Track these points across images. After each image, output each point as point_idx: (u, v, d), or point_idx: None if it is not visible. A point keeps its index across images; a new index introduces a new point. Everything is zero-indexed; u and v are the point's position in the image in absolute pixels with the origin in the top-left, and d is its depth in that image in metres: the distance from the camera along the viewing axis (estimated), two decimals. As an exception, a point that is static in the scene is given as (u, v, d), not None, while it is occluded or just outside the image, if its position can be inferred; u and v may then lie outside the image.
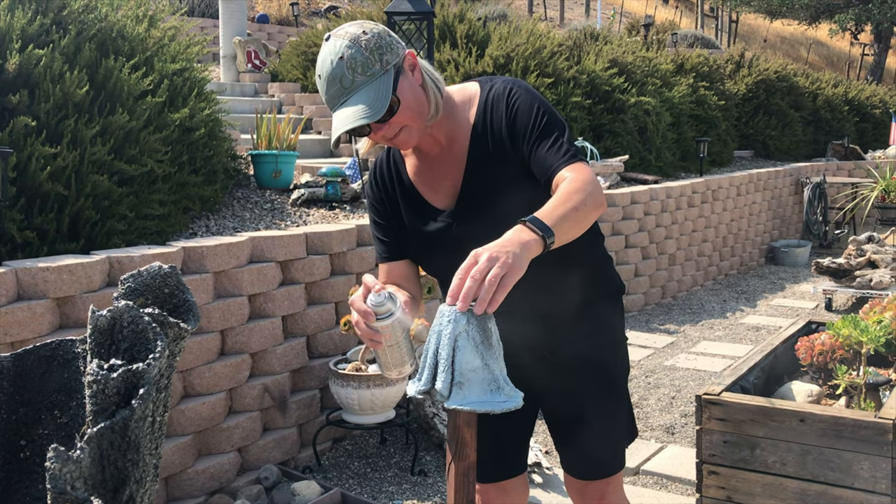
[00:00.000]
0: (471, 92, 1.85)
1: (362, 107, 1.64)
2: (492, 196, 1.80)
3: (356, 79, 1.65)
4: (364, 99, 1.65)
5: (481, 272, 1.43)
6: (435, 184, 1.87)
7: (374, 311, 1.61)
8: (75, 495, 0.86)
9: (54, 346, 1.17)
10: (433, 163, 1.87)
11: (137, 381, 0.96)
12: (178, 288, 1.14)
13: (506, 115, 1.78)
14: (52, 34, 3.69)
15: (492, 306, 1.44)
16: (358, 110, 1.64)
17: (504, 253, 1.46)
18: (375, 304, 1.62)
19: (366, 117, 1.63)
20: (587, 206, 1.64)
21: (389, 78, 1.67)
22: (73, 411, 1.15)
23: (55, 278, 2.89)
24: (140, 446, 0.97)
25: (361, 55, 1.65)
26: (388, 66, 1.67)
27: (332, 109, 1.72)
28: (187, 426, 3.29)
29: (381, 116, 1.66)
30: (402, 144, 1.76)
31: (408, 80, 1.71)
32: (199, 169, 4.26)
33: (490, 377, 1.59)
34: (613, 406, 2.03)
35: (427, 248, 1.89)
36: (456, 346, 1.56)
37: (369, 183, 1.97)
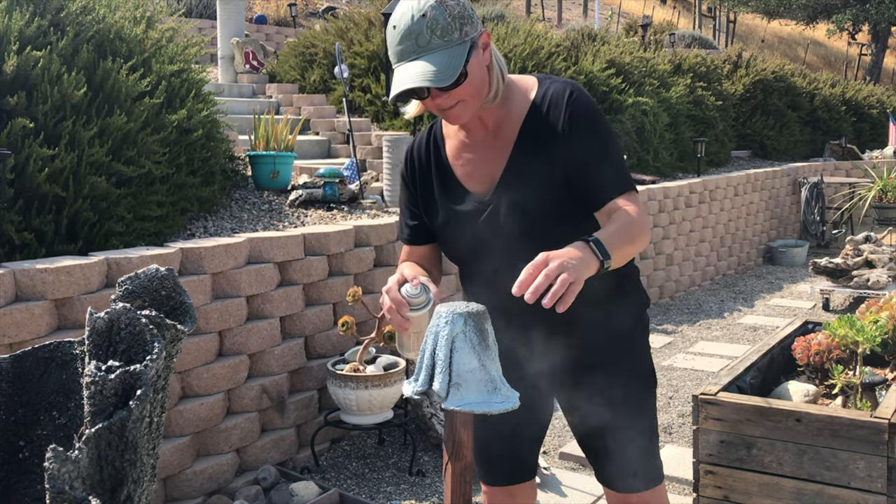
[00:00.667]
0: (528, 84, 1.83)
1: (431, 70, 1.62)
2: (529, 191, 1.77)
3: (433, 41, 1.63)
4: (435, 62, 1.63)
5: (553, 272, 1.47)
6: (474, 168, 1.85)
7: (409, 302, 1.66)
8: (73, 495, 0.86)
9: (52, 347, 1.17)
10: (475, 146, 1.85)
11: (135, 382, 0.97)
12: (175, 290, 1.14)
13: (564, 117, 1.76)
14: (49, 36, 3.69)
15: (561, 306, 1.47)
16: (425, 72, 1.62)
17: (573, 264, 1.50)
18: (411, 295, 1.66)
19: (432, 81, 1.61)
20: (639, 242, 1.71)
21: (464, 50, 1.65)
22: (72, 412, 1.16)
23: (53, 279, 2.90)
24: (138, 447, 0.97)
25: (444, 19, 1.64)
26: (466, 37, 1.66)
27: (395, 63, 1.69)
28: (185, 427, 3.29)
29: (446, 85, 1.64)
30: (453, 118, 1.74)
31: (478, 58, 1.69)
32: (196, 170, 4.27)
33: (487, 378, 1.60)
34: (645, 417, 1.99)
35: (454, 230, 1.87)
36: (453, 347, 1.57)
37: (406, 160, 1.96)
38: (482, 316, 1.64)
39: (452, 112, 1.72)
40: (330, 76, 9.03)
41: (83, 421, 1.10)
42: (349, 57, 8.79)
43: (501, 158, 1.81)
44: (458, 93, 1.68)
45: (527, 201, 1.77)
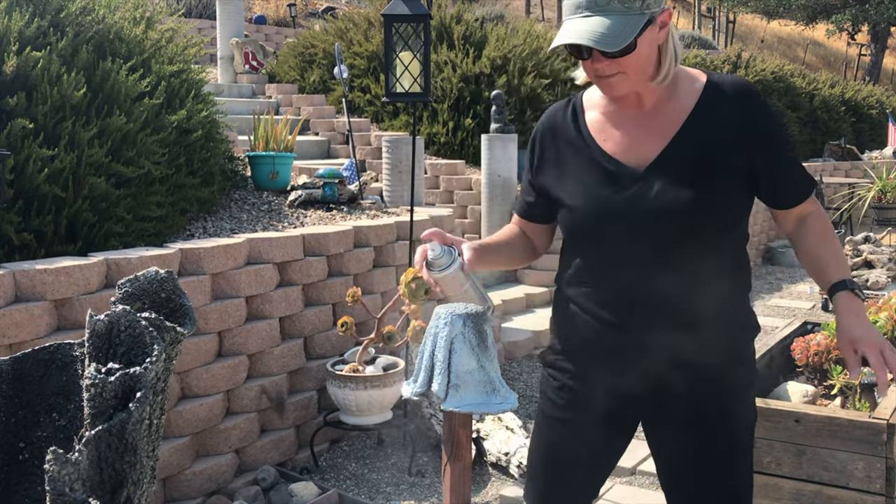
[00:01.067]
0: (692, 72, 1.77)
1: (602, 31, 1.56)
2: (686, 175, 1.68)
3: (612, 3, 1.58)
4: (608, 25, 1.57)
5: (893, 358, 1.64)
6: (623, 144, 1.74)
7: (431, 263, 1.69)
8: (74, 497, 0.87)
9: (52, 349, 1.18)
10: (625, 123, 1.75)
11: (135, 384, 0.97)
12: (175, 292, 1.15)
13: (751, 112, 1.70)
14: (49, 36, 3.69)
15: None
16: (595, 32, 1.57)
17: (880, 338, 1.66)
18: (433, 256, 1.69)
19: (599, 42, 1.56)
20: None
21: (640, 21, 1.58)
22: (72, 414, 1.16)
23: (53, 280, 2.90)
24: (137, 448, 0.98)
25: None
26: (647, 10, 1.60)
27: (567, 15, 1.64)
28: (185, 427, 3.29)
29: (613, 52, 1.58)
30: (607, 88, 1.67)
31: (652, 34, 1.63)
32: (196, 171, 4.27)
33: (486, 379, 1.60)
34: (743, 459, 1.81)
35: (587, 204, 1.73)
36: (452, 348, 1.58)
37: (536, 131, 1.88)
38: (481, 317, 1.64)
39: (609, 81, 1.65)
40: (329, 76, 9.03)
41: (83, 423, 1.10)
42: (349, 57, 8.79)
43: (660, 139, 1.71)
44: (622, 63, 1.61)
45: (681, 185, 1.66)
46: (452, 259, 1.68)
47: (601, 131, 1.77)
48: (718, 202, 1.68)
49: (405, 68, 3.93)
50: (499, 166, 6.82)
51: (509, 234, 1.93)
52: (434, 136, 8.03)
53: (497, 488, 3.60)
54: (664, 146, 1.70)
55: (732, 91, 1.72)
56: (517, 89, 8.06)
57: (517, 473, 3.63)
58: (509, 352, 5.37)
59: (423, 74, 3.94)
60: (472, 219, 7.19)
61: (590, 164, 1.75)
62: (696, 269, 1.69)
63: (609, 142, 1.75)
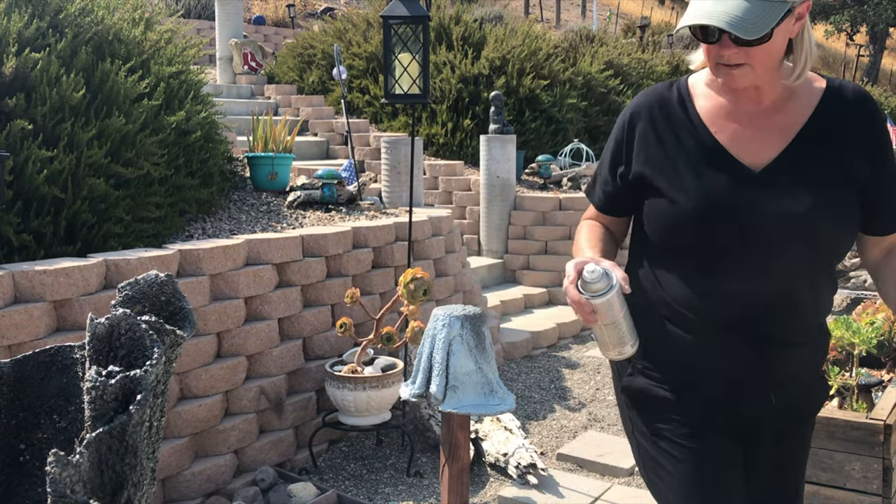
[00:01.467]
0: (811, 74, 1.65)
1: (740, 15, 1.45)
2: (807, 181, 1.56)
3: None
4: (746, 9, 1.45)
5: None
6: (739, 139, 1.61)
7: (587, 288, 1.51)
8: (75, 499, 0.87)
9: (53, 351, 1.19)
10: (741, 117, 1.61)
11: (135, 387, 0.98)
12: (175, 296, 1.15)
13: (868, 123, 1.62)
14: (48, 37, 3.70)
15: None
16: (732, 15, 1.45)
17: None
18: (590, 280, 1.50)
19: (736, 26, 1.44)
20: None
21: (781, 10, 1.47)
22: (72, 416, 1.17)
23: (52, 281, 2.91)
24: (138, 450, 0.98)
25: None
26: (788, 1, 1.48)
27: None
28: (184, 428, 3.30)
29: (748, 39, 1.46)
30: (729, 78, 1.54)
31: (788, 26, 1.51)
32: (195, 171, 4.28)
33: (484, 380, 1.61)
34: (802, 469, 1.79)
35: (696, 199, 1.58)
36: (450, 349, 1.58)
37: (634, 111, 1.70)
38: (479, 319, 1.65)
39: (732, 72, 1.52)
40: (328, 77, 9.04)
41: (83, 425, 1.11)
42: (348, 58, 8.80)
43: (779, 140, 1.59)
44: (751, 53, 1.49)
45: (802, 191, 1.55)
46: (612, 282, 1.50)
47: (714, 121, 1.63)
48: (839, 212, 1.57)
49: (404, 70, 3.94)
50: (497, 167, 6.83)
51: (605, 235, 1.76)
52: (433, 136, 8.03)
53: (495, 489, 3.61)
54: (783, 147, 1.58)
55: (854, 98, 1.63)
56: (516, 90, 8.07)
57: (515, 474, 3.64)
58: (508, 352, 5.38)
59: (421, 76, 3.95)
60: (470, 219, 7.20)
61: (701, 155, 1.61)
62: (807, 281, 1.59)
63: (722, 134, 1.61)
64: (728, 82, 1.55)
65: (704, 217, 1.56)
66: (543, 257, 6.77)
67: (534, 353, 5.69)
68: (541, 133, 8.06)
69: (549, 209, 6.86)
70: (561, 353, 5.73)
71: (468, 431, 1.68)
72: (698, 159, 1.60)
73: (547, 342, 5.84)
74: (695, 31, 1.52)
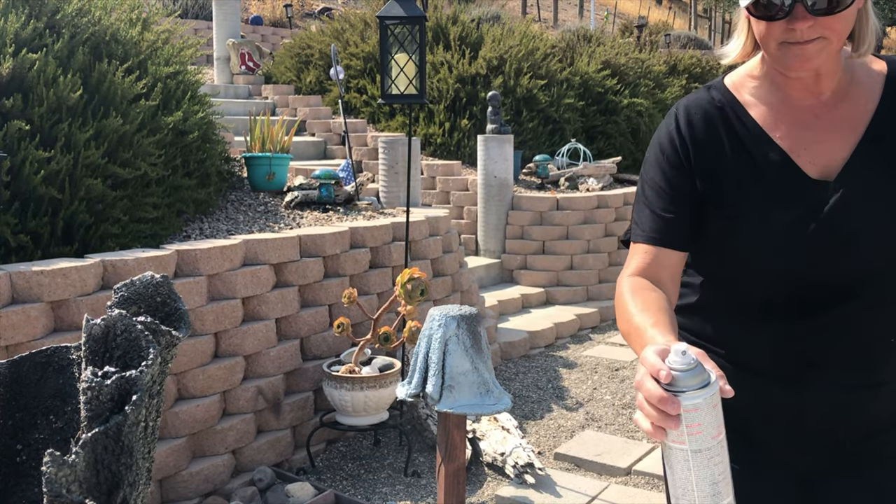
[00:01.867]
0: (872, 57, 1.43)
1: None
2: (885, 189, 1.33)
3: None
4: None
5: None
6: (802, 143, 1.37)
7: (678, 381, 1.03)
8: (70, 498, 0.88)
9: (49, 352, 1.19)
10: (796, 114, 1.38)
11: (130, 387, 0.99)
12: (170, 297, 1.16)
13: None
14: (45, 38, 3.70)
15: None
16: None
17: None
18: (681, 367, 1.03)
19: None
20: None
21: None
22: (68, 416, 1.17)
23: (49, 282, 2.91)
24: (133, 450, 0.99)
25: None
26: None
27: None
28: (181, 428, 3.30)
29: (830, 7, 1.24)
30: (799, 60, 1.28)
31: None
32: (192, 172, 4.28)
33: (480, 380, 1.61)
34: None
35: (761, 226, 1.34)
36: (446, 349, 1.59)
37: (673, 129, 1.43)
38: (475, 319, 1.66)
39: (804, 50, 1.27)
40: (326, 77, 9.04)
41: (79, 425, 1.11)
42: (345, 58, 8.80)
43: (846, 138, 1.35)
44: (829, 24, 1.26)
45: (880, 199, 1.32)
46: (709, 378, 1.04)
47: (774, 126, 1.39)
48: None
49: (401, 70, 3.95)
50: (495, 167, 6.84)
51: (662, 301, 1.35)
52: (430, 136, 8.04)
53: (493, 488, 3.61)
54: (853, 146, 1.35)
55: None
56: (513, 90, 8.08)
57: (513, 473, 3.64)
58: (505, 352, 5.39)
59: (418, 76, 3.95)
60: (468, 219, 7.21)
61: (762, 168, 1.36)
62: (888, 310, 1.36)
63: (786, 140, 1.37)
64: (798, 65, 1.29)
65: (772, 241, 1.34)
66: (541, 257, 6.78)
67: (531, 353, 5.70)
68: (538, 133, 8.07)
69: (546, 209, 6.86)
70: (558, 353, 5.74)
71: (464, 431, 1.69)
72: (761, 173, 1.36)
73: (544, 342, 5.85)
74: (753, 7, 1.30)
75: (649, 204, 1.43)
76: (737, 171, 1.37)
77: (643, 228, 1.42)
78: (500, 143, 6.84)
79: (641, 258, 1.41)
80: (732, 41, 1.42)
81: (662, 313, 1.31)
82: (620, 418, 4.47)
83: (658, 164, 1.43)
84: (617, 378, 5.19)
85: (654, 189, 1.43)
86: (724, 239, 1.38)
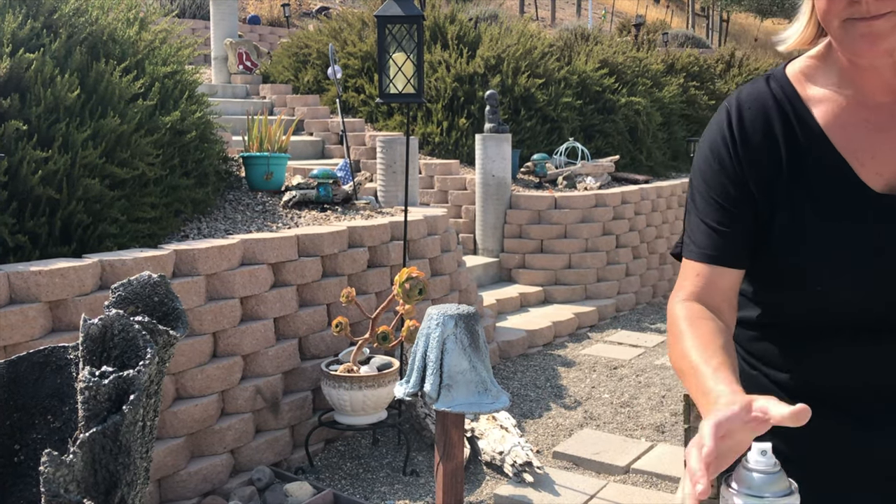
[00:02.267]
0: None
1: None
2: None
3: None
4: None
5: None
6: (870, 147, 1.18)
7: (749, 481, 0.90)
8: (69, 498, 0.88)
9: (47, 352, 1.19)
10: (870, 115, 1.19)
11: (128, 387, 0.99)
12: (168, 296, 1.16)
13: None
14: (42, 38, 3.70)
15: None
16: None
17: None
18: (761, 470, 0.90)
19: None
20: None
21: None
22: (66, 416, 1.17)
23: (47, 282, 2.91)
24: (131, 450, 0.99)
25: None
26: None
27: None
28: (180, 428, 3.30)
29: None
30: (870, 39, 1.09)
31: None
32: (190, 171, 4.28)
33: (478, 379, 1.62)
34: None
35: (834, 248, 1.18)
36: (444, 348, 1.59)
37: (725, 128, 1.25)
38: (473, 318, 1.66)
39: (874, 25, 1.08)
40: (323, 77, 9.04)
41: (77, 425, 1.11)
42: (343, 57, 8.80)
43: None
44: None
45: None
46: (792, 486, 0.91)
47: (835, 127, 1.21)
48: None
49: (398, 69, 3.95)
50: (493, 166, 6.84)
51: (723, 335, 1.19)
52: (428, 135, 8.04)
53: (492, 487, 3.62)
54: None
55: None
56: (511, 89, 8.08)
57: (511, 472, 3.65)
58: (504, 351, 5.39)
59: (416, 75, 3.95)
60: (466, 218, 7.21)
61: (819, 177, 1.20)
62: None
63: (850, 144, 1.19)
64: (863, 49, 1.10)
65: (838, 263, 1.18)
66: (539, 256, 6.78)
67: (529, 352, 5.70)
68: (536, 132, 8.07)
69: (544, 208, 6.87)
70: (557, 352, 5.74)
71: (462, 430, 1.69)
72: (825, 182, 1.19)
73: (543, 341, 5.85)
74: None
75: (701, 216, 1.26)
76: (792, 180, 1.20)
77: (697, 244, 1.25)
78: (498, 141, 6.84)
79: (696, 280, 1.24)
80: (793, 25, 1.25)
81: (723, 352, 1.15)
82: (619, 417, 4.47)
83: (709, 168, 1.25)
84: (615, 377, 5.19)
85: (705, 199, 1.25)
86: (780, 256, 1.21)
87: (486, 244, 6.95)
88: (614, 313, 6.82)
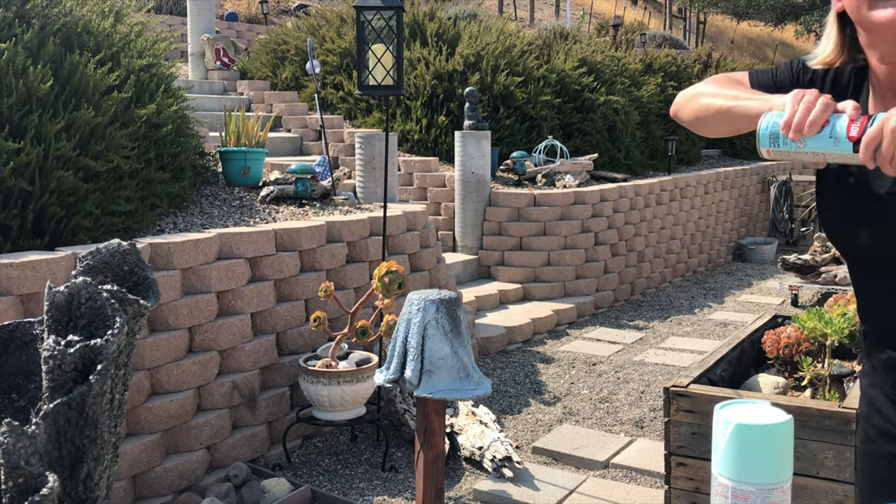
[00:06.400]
0: None
1: None
2: None
3: None
4: None
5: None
6: None
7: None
8: (30, 471, 0.84)
9: (12, 327, 1.15)
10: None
11: (95, 356, 0.95)
12: (138, 265, 1.12)
13: None
14: (14, 28, 3.63)
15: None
16: None
17: None
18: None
19: None
20: None
21: None
22: (32, 394, 1.13)
23: (18, 274, 2.85)
24: (98, 423, 0.95)
25: None
26: None
27: None
28: (155, 424, 3.25)
29: None
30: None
31: None
32: (166, 165, 4.22)
33: (459, 365, 1.59)
34: None
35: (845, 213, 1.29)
36: (425, 334, 1.56)
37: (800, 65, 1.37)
38: (454, 303, 1.63)
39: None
40: (302, 73, 8.98)
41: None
42: (321, 54, 8.75)
43: None
44: None
45: None
46: None
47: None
48: None
49: (378, 61, 3.91)
50: (472, 163, 6.82)
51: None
52: (407, 133, 8.01)
53: (471, 482, 3.59)
54: None
55: None
56: (490, 87, 8.06)
57: (491, 467, 3.62)
58: (483, 347, 5.37)
59: (395, 67, 3.92)
60: (445, 215, 7.18)
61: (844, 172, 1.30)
62: None
63: None
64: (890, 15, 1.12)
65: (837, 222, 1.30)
66: (518, 253, 6.76)
67: (509, 349, 5.68)
68: (515, 130, 8.06)
69: (523, 205, 6.85)
70: (536, 349, 5.72)
71: (443, 418, 1.66)
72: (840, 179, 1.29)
73: (522, 337, 5.84)
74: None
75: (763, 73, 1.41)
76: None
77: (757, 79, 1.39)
78: (478, 139, 6.83)
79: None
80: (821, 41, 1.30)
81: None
82: (598, 412, 4.46)
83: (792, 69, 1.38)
84: (594, 373, 5.18)
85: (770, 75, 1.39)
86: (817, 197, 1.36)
87: (466, 241, 6.93)
88: (593, 310, 6.82)
